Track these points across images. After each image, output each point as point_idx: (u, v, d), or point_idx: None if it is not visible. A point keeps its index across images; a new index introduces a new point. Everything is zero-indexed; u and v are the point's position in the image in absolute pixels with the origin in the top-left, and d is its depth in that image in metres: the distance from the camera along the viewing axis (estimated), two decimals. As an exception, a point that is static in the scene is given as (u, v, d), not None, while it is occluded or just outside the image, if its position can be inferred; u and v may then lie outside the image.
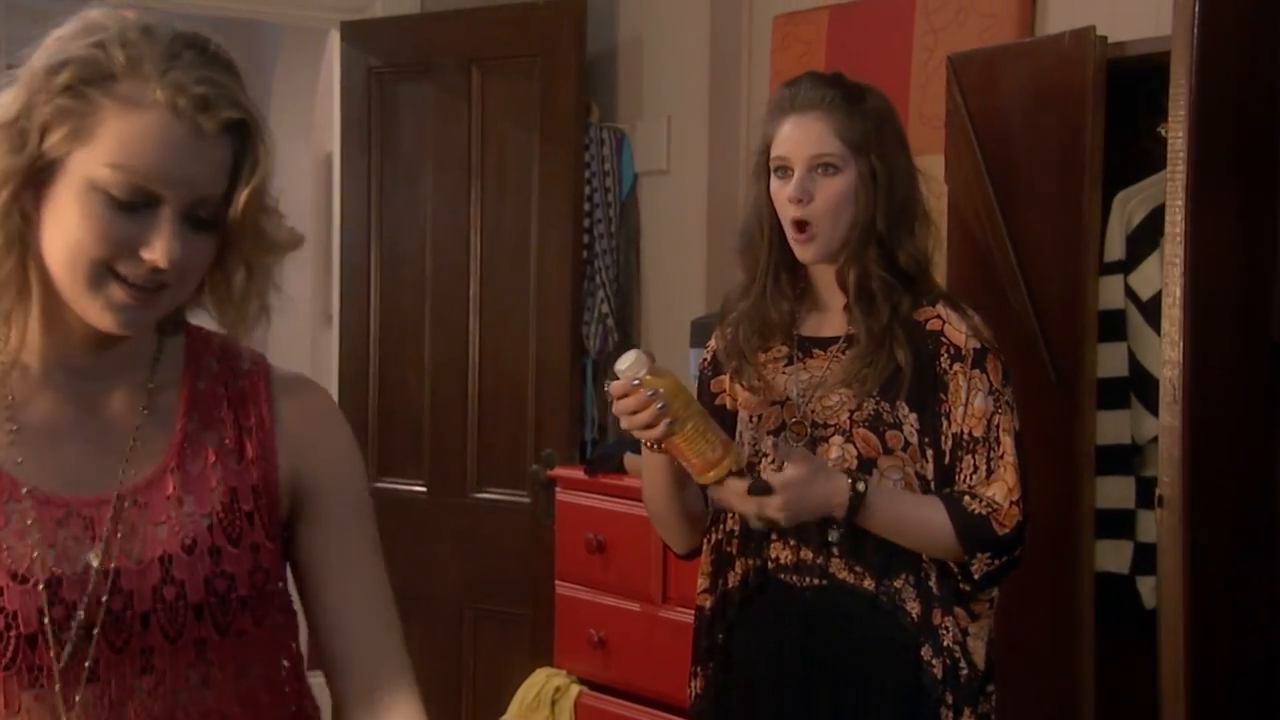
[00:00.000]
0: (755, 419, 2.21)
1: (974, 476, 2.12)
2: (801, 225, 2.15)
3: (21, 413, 1.36)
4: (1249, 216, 2.45)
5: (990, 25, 3.21)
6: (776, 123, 2.20)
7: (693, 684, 2.28)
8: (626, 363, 1.97)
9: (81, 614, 1.31)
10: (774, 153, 2.19)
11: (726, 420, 2.25)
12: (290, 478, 1.44)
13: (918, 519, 2.09)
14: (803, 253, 2.17)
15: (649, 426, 1.98)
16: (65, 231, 1.27)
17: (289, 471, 1.44)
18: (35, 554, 1.31)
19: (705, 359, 2.31)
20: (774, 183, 2.19)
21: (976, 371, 2.13)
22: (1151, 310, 2.67)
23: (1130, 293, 2.77)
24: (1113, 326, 2.76)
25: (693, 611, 3.27)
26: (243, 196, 1.30)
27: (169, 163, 1.26)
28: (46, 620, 1.30)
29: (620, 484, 3.47)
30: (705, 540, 2.27)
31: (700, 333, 3.50)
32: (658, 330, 4.14)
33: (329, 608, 1.45)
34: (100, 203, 1.25)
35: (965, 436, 2.12)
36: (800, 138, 2.16)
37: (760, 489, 2.00)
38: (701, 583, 2.27)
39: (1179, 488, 2.26)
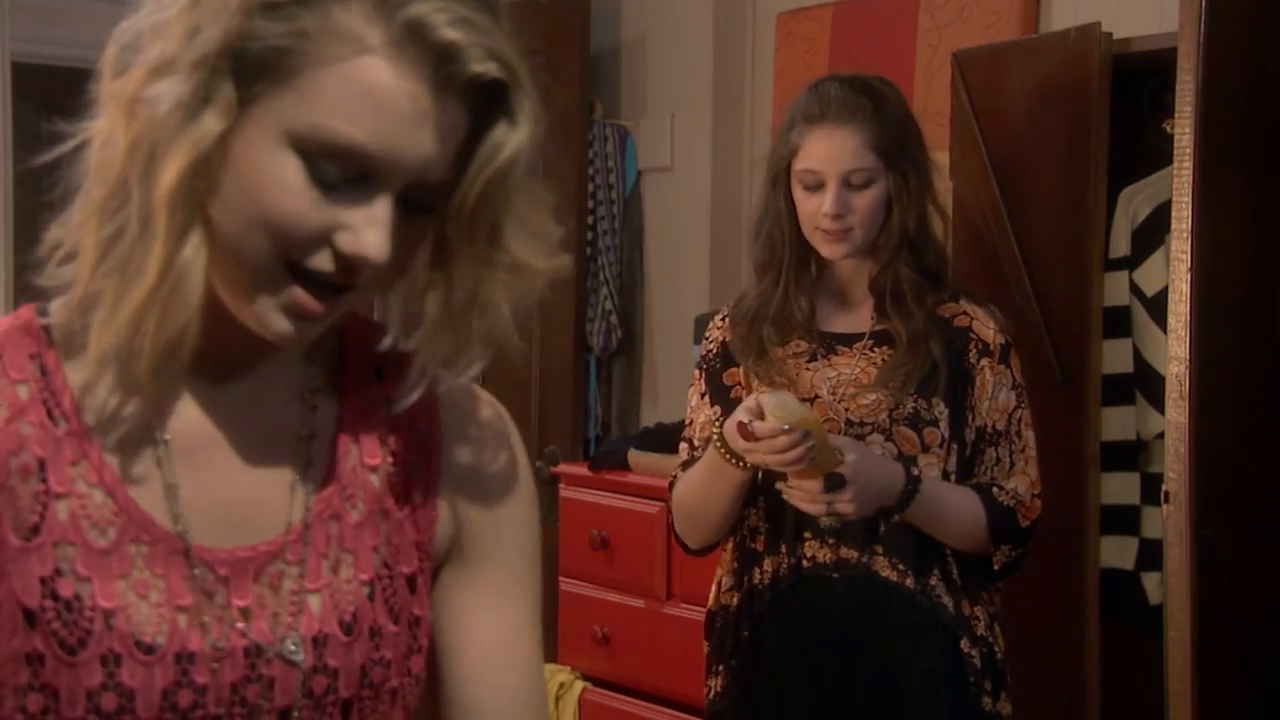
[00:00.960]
0: None
1: (995, 469, 2.15)
2: (834, 233, 2.13)
3: (171, 423, 1.00)
4: (1255, 212, 2.45)
5: (994, 22, 3.21)
6: (803, 132, 2.15)
7: (711, 682, 2.26)
8: (776, 404, 1.94)
9: (209, 705, 0.98)
10: (802, 164, 2.15)
11: None
12: (449, 530, 1.10)
13: (959, 508, 2.10)
14: (832, 252, 2.16)
15: (798, 461, 1.96)
16: (241, 200, 0.91)
17: (448, 522, 1.10)
18: (166, 617, 0.97)
19: (711, 350, 2.28)
20: (801, 193, 2.16)
21: (1002, 366, 2.16)
22: (1156, 306, 2.67)
23: (1135, 289, 2.77)
24: (1118, 323, 2.76)
25: (698, 608, 3.27)
26: (476, 185, 0.94)
27: (394, 131, 0.90)
28: (171, 707, 0.97)
29: (624, 480, 3.47)
30: (730, 537, 2.25)
31: (704, 329, 3.49)
32: (661, 327, 4.14)
33: (470, 704, 1.09)
34: (294, 171, 0.90)
35: (989, 430, 2.15)
36: (833, 151, 2.12)
37: (835, 483, 1.99)
38: (726, 580, 2.24)
39: (1185, 484, 2.26)
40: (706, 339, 2.31)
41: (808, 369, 2.18)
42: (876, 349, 2.17)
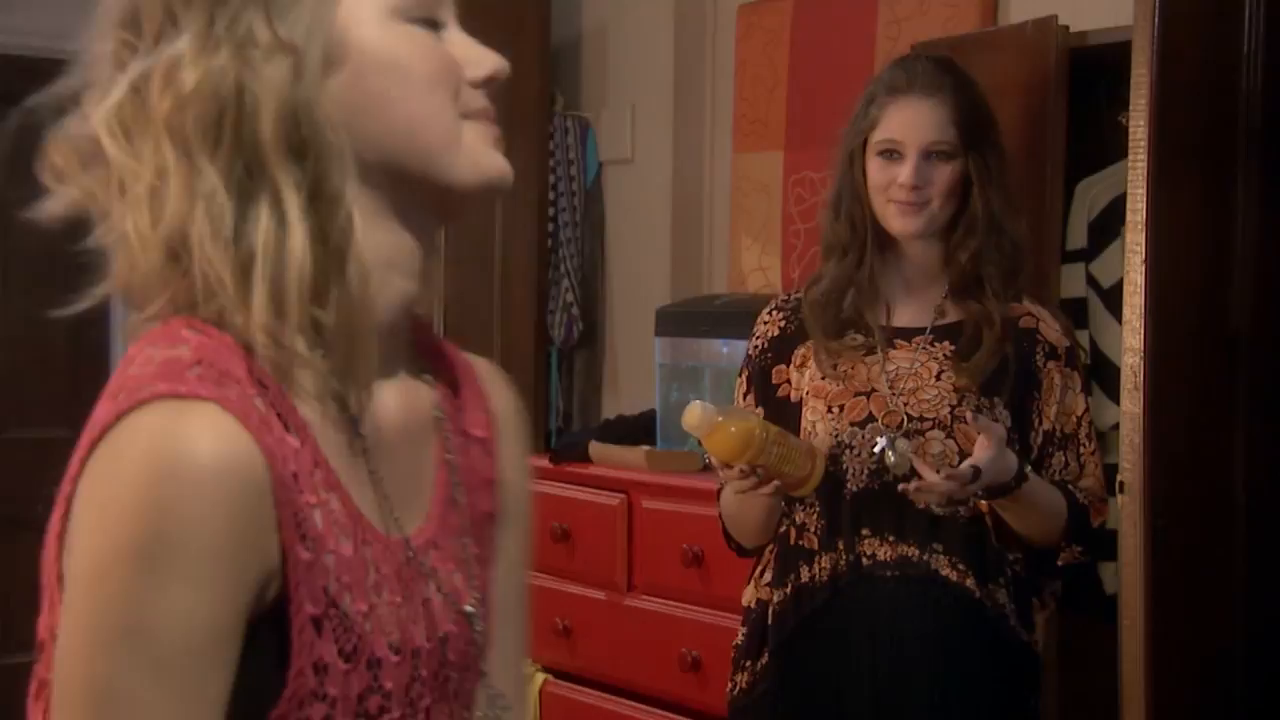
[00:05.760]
0: (836, 409, 2.14)
1: (1064, 473, 2.16)
2: (909, 205, 2.11)
3: (368, 408, 1.01)
4: (1210, 204, 2.46)
5: (953, 15, 3.22)
6: (883, 105, 2.13)
7: (737, 677, 2.23)
8: (688, 422, 1.95)
9: (429, 694, 1.02)
10: (882, 135, 2.12)
11: (786, 411, 2.19)
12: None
13: (1049, 501, 2.11)
14: (905, 225, 2.12)
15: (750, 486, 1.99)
16: (403, 86, 1.00)
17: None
18: (395, 615, 1.00)
19: (759, 345, 2.24)
20: (875, 163, 2.12)
21: (1070, 370, 2.16)
22: (1113, 298, 2.68)
23: (1092, 281, 2.79)
24: (1075, 314, 2.77)
25: (659, 599, 3.27)
26: None
27: None
28: (409, 702, 1.01)
29: (585, 472, 3.47)
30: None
31: (666, 321, 3.49)
32: (622, 319, 4.13)
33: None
34: (407, 28, 1.01)
35: (1057, 434, 2.15)
36: (916, 121, 2.10)
37: (973, 477, 1.97)
38: (765, 576, 2.21)
39: (1140, 474, 2.27)
40: (754, 335, 2.25)
41: (864, 362, 2.15)
42: (937, 344, 2.14)
